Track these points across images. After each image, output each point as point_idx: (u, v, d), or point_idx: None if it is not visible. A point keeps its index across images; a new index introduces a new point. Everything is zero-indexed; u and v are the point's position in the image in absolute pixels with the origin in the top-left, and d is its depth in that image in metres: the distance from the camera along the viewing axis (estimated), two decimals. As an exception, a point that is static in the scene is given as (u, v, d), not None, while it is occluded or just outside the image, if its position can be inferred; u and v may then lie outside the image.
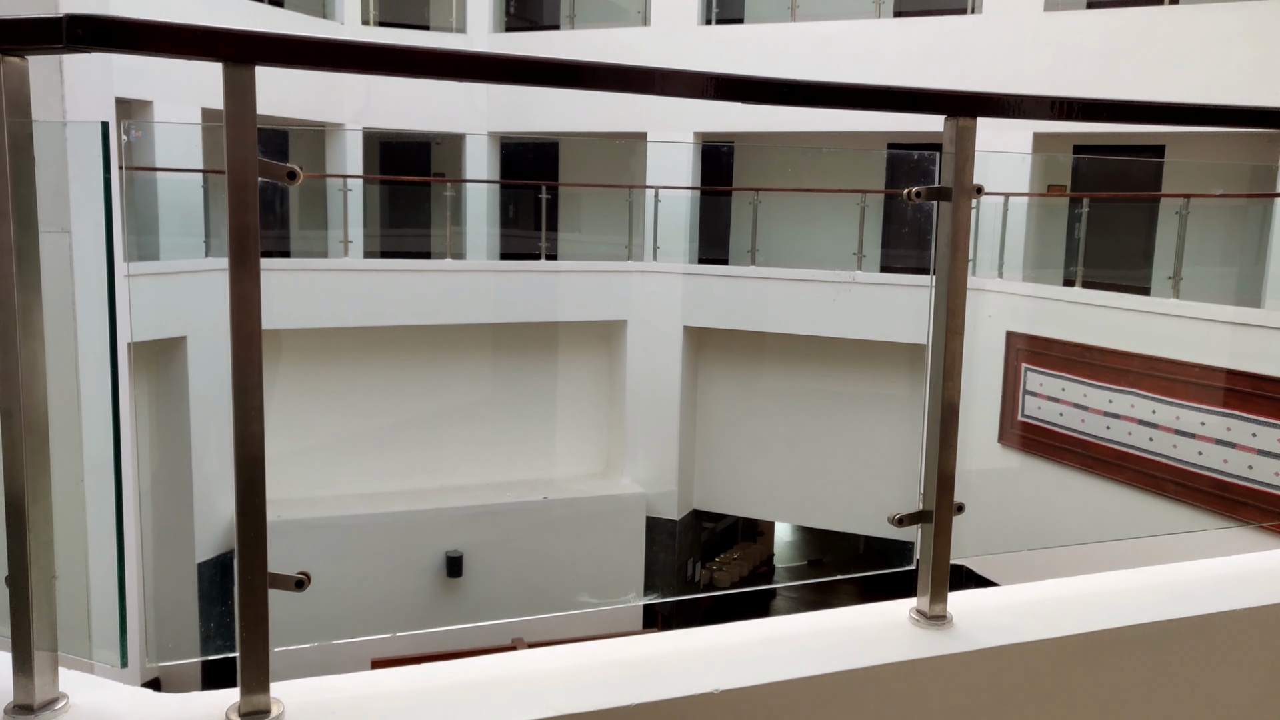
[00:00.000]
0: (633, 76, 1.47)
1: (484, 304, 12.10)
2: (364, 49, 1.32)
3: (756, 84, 1.53)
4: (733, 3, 13.66)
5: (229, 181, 1.31)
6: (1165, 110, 2.41)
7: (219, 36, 1.24)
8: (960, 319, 1.69)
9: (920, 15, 12.50)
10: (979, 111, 1.65)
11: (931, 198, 1.68)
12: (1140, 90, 11.01)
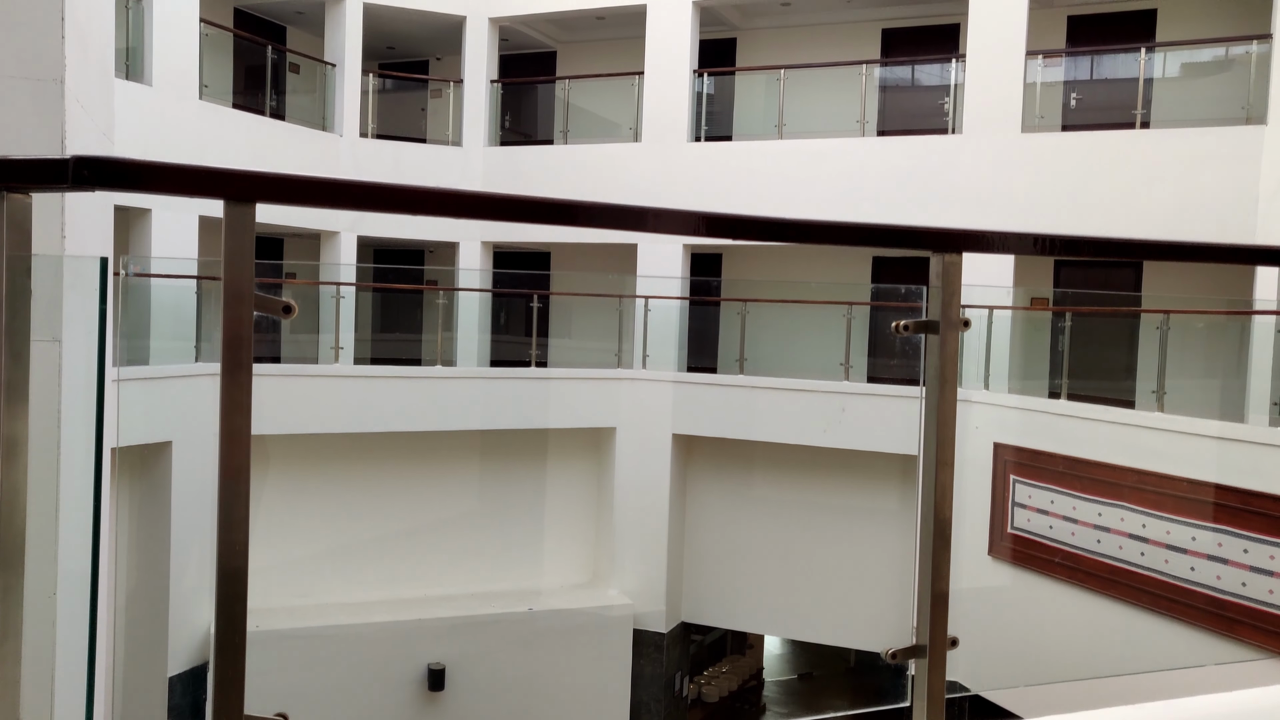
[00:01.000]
0: (626, 215, 1.50)
1: (473, 411, 12.09)
2: (362, 188, 1.36)
3: (747, 222, 1.56)
4: (721, 120, 14.09)
5: (224, 316, 1.32)
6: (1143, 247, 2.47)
7: (220, 176, 1.27)
8: (950, 450, 1.70)
9: (903, 134, 12.89)
10: (965, 247, 1.69)
11: (919, 330, 1.70)
12: (1115, 209, 11.32)
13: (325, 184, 1.34)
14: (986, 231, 1.69)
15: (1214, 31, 12.34)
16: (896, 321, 1.72)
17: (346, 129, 13.87)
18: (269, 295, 1.34)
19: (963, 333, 1.74)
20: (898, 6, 13.70)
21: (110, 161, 1.20)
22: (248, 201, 1.26)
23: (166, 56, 11.16)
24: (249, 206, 1.27)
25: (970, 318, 1.74)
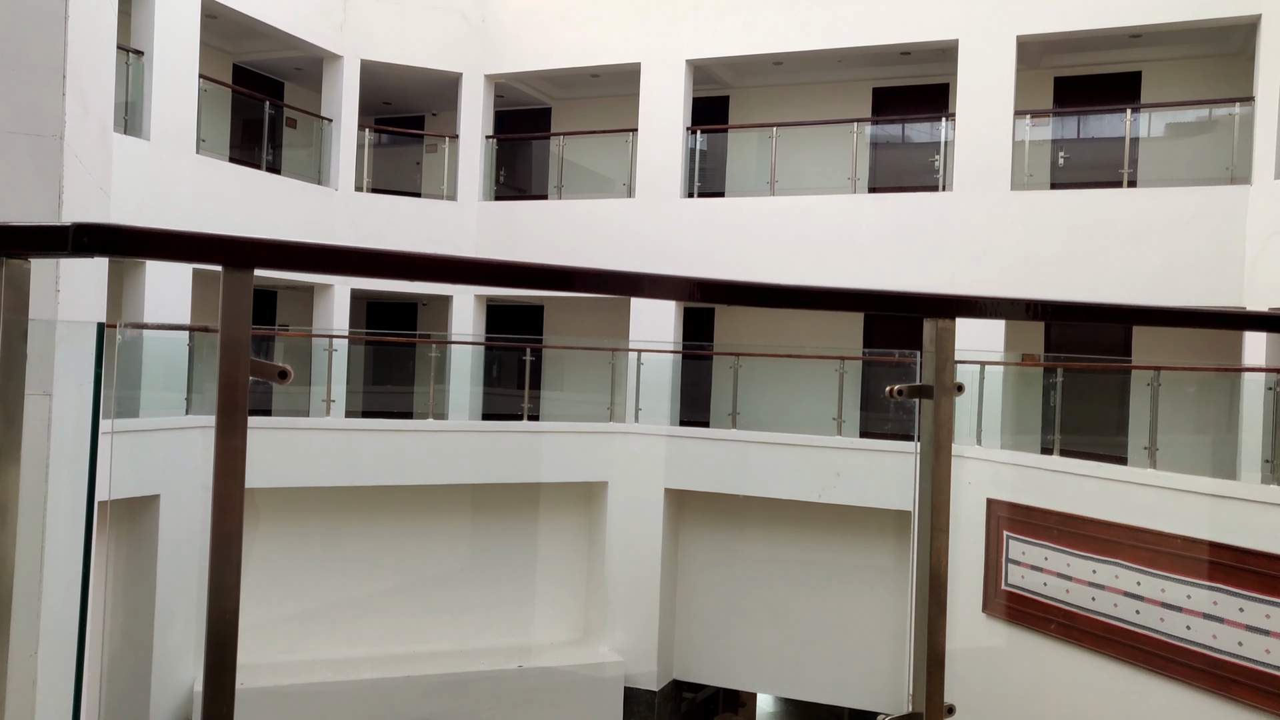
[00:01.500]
0: (621, 281, 1.51)
1: (465, 465, 12.03)
2: (360, 255, 1.36)
3: (741, 288, 1.57)
4: (714, 177, 14.24)
5: (220, 381, 1.32)
6: (1134, 313, 2.49)
7: (219, 243, 1.28)
8: (945, 516, 1.69)
9: (894, 191, 13.05)
10: (958, 313, 1.70)
11: (913, 395, 1.71)
12: (1104, 267, 11.43)
13: (324, 250, 1.35)
14: (979, 297, 1.70)
15: (1197, 93, 12.59)
16: (890, 386, 1.72)
17: (342, 183, 13.99)
18: (265, 361, 1.34)
19: (956, 397, 1.74)
20: (888, 66, 13.94)
21: (109, 229, 1.21)
22: (246, 268, 1.27)
23: (165, 112, 11.28)
24: (247, 272, 1.27)
25: (963, 382, 1.75)
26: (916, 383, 1.71)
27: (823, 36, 12.96)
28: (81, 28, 4.17)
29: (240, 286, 1.27)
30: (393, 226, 14.27)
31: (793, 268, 12.85)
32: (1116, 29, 11.77)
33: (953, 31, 12.32)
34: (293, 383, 13.16)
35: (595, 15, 14.16)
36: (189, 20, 11.57)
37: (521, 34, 14.59)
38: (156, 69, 11.16)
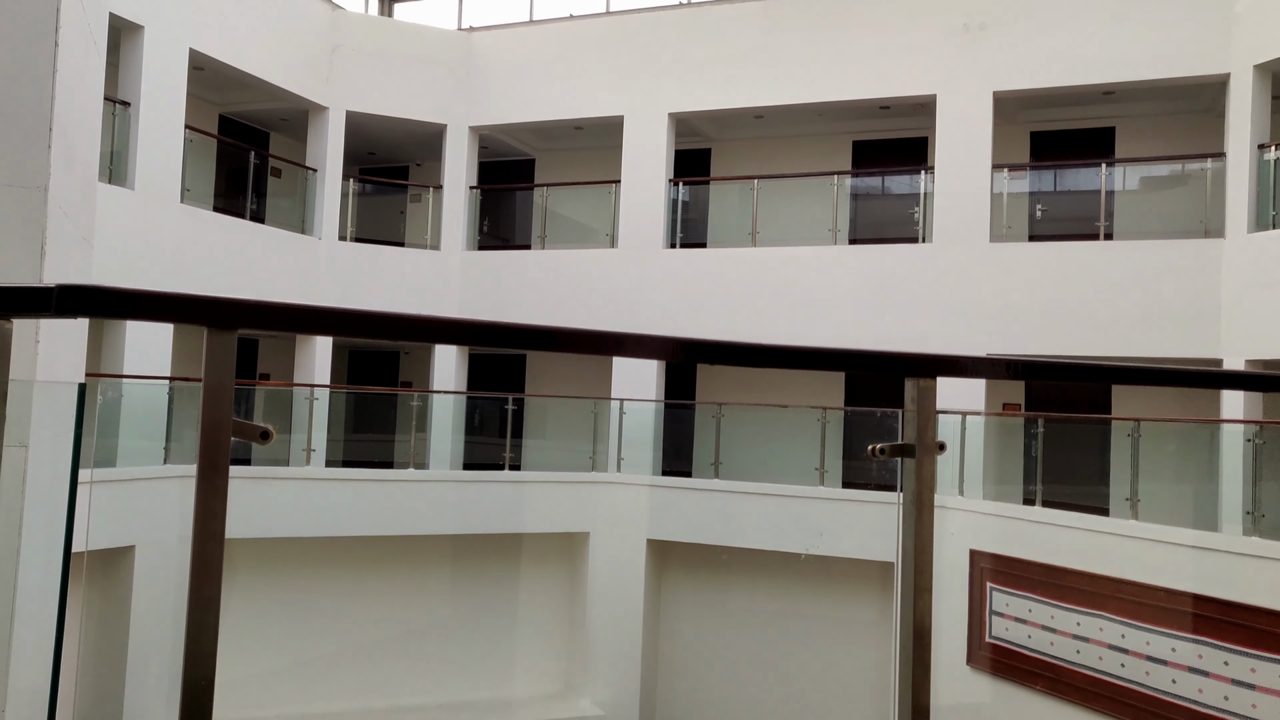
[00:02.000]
0: (603, 341, 1.52)
1: (446, 515, 11.93)
2: (344, 316, 1.36)
3: (723, 347, 1.58)
4: (696, 227, 14.36)
5: (201, 443, 1.31)
6: (1113, 371, 2.52)
7: (203, 305, 1.28)
8: (928, 576, 1.69)
9: (874, 243, 13.19)
10: (939, 372, 1.71)
11: (895, 454, 1.71)
12: (1083, 317, 11.56)
13: (308, 311, 1.35)
14: (960, 357, 1.72)
15: (1170, 148, 12.85)
16: (872, 446, 1.73)
17: (326, 232, 14.02)
18: (247, 422, 1.33)
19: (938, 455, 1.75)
20: (867, 120, 14.17)
21: (93, 290, 1.21)
22: (229, 329, 1.27)
23: (150, 162, 11.31)
24: (230, 334, 1.27)
25: (944, 440, 1.76)
26: (898, 441, 1.72)
27: (803, 91, 13.18)
28: (69, 81, 4.19)
29: (223, 348, 1.27)
30: (376, 276, 14.29)
31: (775, 318, 12.93)
32: (1090, 86, 12.03)
33: (931, 87, 12.56)
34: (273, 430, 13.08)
35: (579, 69, 14.36)
36: (177, 73, 11.66)
37: (506, 86, 14.76)
38: (143, 120, 11.21)
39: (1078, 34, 11.88)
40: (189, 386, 10.82)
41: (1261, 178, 10.86)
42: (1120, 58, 11.68)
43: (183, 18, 11.74)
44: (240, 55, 12.62)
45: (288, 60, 13.42)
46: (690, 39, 13.78)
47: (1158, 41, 11.53)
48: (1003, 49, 12.23)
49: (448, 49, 14.90)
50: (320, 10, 14.09)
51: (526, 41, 14.89)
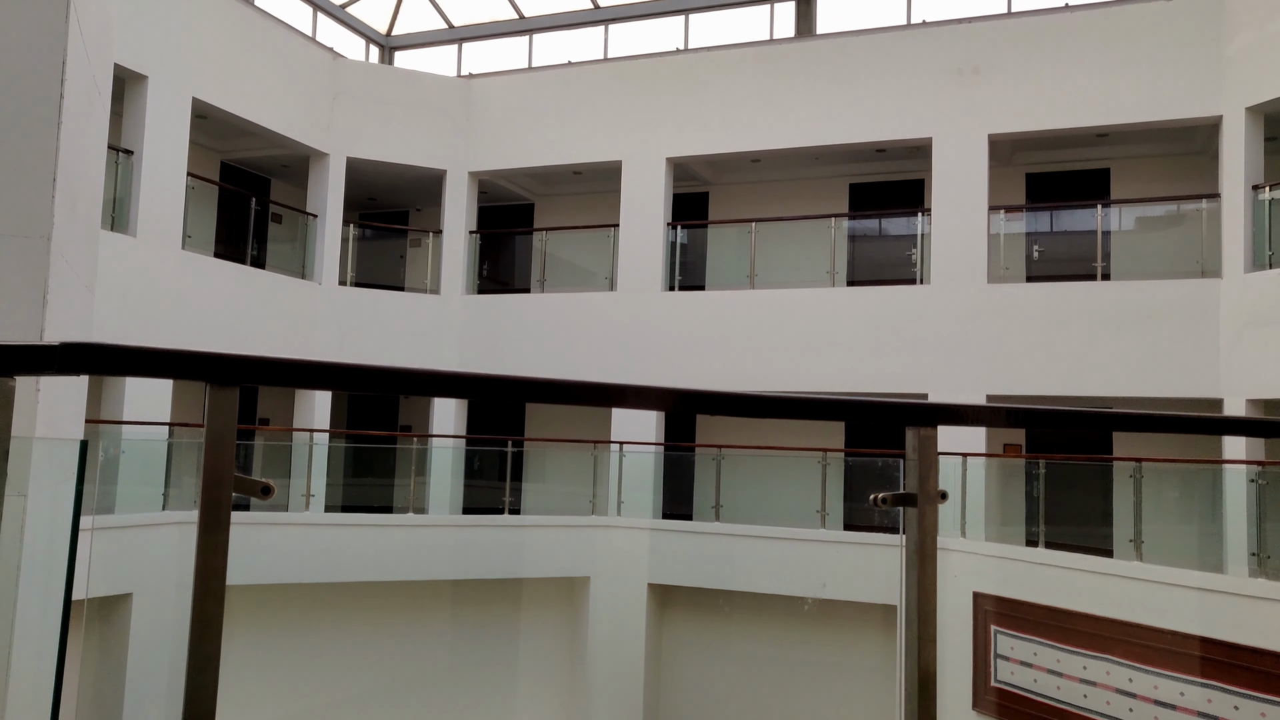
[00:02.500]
0: (605, 393, 1.52)
1: (445, 560, 11.85)
2: (344, 371, 1.37)
3: (723, 398, 1.58)
4: (695, 270, 14.43)
5: (201, 497, 1.31)
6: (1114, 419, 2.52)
7: (204, 361, 1.28)
8: (932, 626, 1.68)
9: (873, 284, 13.23)
10: (939, 421, 1.72)
11: (896, 504, 1.71)
12: (1082, 358, 11.56)
13: (309, 366, 1.35)
14: (960, 406, 1.72)
15: (1165, 189, 12.94)
16: (874, 495, 1.73)
17: (326, 277, 14.07)
18: (248, 477, 1.33)
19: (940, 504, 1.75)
20: (864, 163, 14.30)
21: (95, 349, 1.22)
22: (230, 385, 1.27)
23: (152, 209, 11.39)
24: (231, 390, 1.28)
25: (946, 489, 1.76)
26: (900, 491, 1.71)
27: (799, 135, 13.31)
28: (74, 132, 4.24)
29: (225, 404, 1.27)
30: (376, 320, 14.32)
31: (773, 360, 12.94)
32: (1084, 129, 12.15)
33: (926, 130, 12.68)
34: (273, 477, 12.99)
35: (577, 114, 14.51)
36: (179, 121, 11.78)
37: (505, 132, 14.91)
38: (145, 168, 11.31)
39: (1071, 77, 12.03)
40: (189, 432, 10.81)
41: (1257, 218, 10.94)
42: (1113, 100, 11.81)
43: (186, 67, 11.89)
44: (242, 103, 12.76)
45: (289, 108, 13.57)
46: (687, 84, 13.94)
47: (1150, 84, 11.67)
48: (997, 92, 12.37)
49: (447, 96, 15.06)
50: (322, 59, 14.28)
51: (525, 88, 15.06)
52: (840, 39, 13.59)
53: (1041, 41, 12.25)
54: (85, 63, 4.47)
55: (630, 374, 13.50)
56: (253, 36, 13.03)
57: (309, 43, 14.27)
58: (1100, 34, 11.97)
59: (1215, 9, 11.52)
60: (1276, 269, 10.55)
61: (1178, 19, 11.66)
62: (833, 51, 13.39)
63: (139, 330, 11.10)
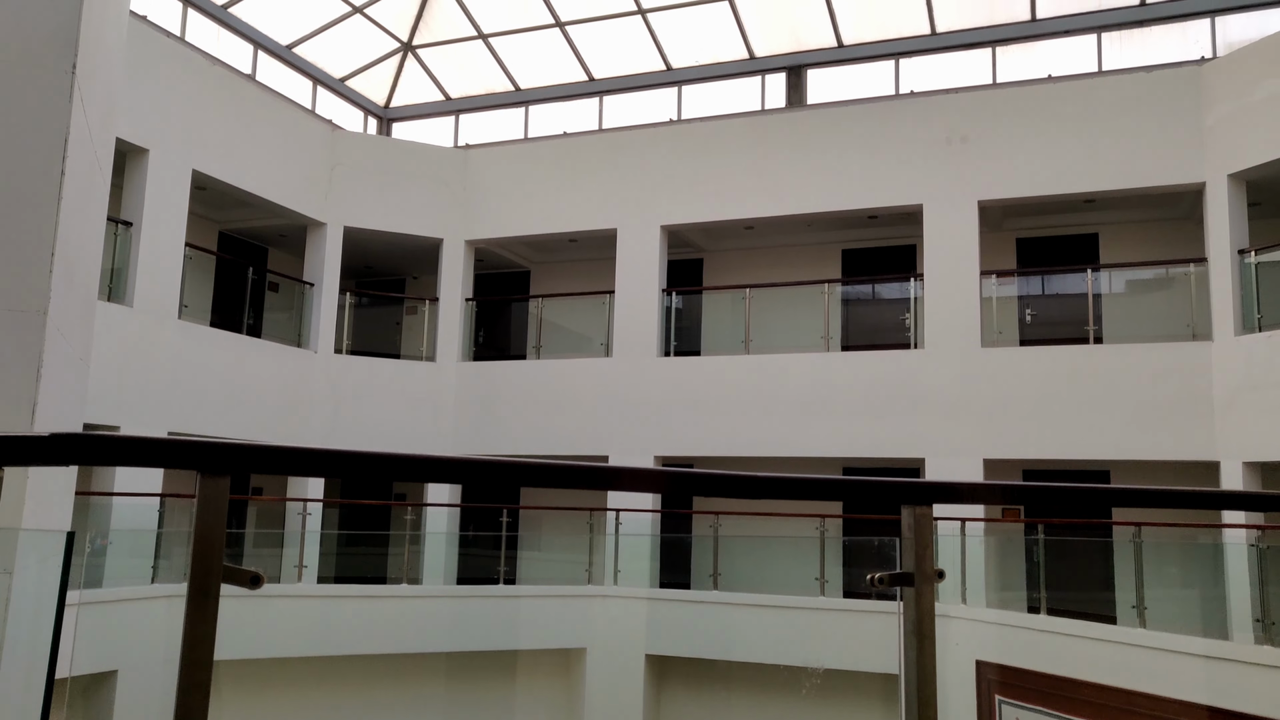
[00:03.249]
0: (598, 476, 1.51)
1: (439, 632, 11.67)
2: (336, 457, 1.36)
3: (716, 479, 1.58)
4: (690, 335, 14.49)
5: (190, 585, 1.29)
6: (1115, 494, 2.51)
7: (195, 450, 1.28)
8: (933, 709, 1.65)
9: (867, 349, 13.25)
10: (936, 499, 1.71)
11: (894, 584, 1.69)
12: (1078, 420, 11.56)
13: (301, 454, 1.35)
14: (956, 484, 1.72)
15: (1153, 253, 13.07)
16: (870, 575, 1.71)
17: (322, 345, 14.09)
18: (238, 567, 1.32)
19: (938, 584, 1.73)
20: (856, 229, 14.45)
21: (84, 439, 1.21)
22: (222, 474, 1.27)
23: (149, 279, 11.44)
24: (223, 479, 1.27)
25: (944, 568, 1.74)
26: (897, 570, 1.70)
27: (791, 202, 13.47)
28: (74, 207, 4.27)
29: (216, 493, 1.27)
30: (371, 388, 14.31)
31: (769, 425, 12.92)
32: (1071, 195, 12.33)
33: (917, 197, 12.85)
34: (264, 547, 12.87)
35: (572, 183, 14.70)
36: (179, 193, 11.90)
37: (501, 201, 15.08)
38: (144, 239, 11.39)
39: (1057, 145, 12.23)
40: (180, 503, 10.71)
41: (1244, 282, 11.04)
42: (1099, 168, 12.00)
43: (187, 140, 12.05)
44: (242, 175, 12.91)
45: (288, 179, 13.73)
46: (681, 154, 14.15)
47: (1134, 152, 11.87)
48: (985, 160, 12.57)
49: (444, 166, 15.27)
50: (320, 130, 14.49)
51: (521, 157, 15.28)
52: (830, 109, 13.84)
53: (1027, 111, 12.49)
54: (88, 139, 4.52)
55: (626, 440, 13.46)
56: (253, 110, 13.24)
57: (308, 115, 14.50)
58: (1083, 104, 12.21)
59: (1193, 80, 11.78)
60: (1267, 332, 10.62)
61: (1158, 89, 11.91)
62: (823, 121, 13.63)
63: (134, 401, 11.08)
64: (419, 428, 14.41)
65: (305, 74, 15.43)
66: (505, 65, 16.02)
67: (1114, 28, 13.40)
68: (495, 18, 15.35)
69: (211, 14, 13.70)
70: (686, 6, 14.52)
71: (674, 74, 15.52)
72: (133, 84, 10.90)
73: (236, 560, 8.39)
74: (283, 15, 14.42)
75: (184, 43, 12.79)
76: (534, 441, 14.12)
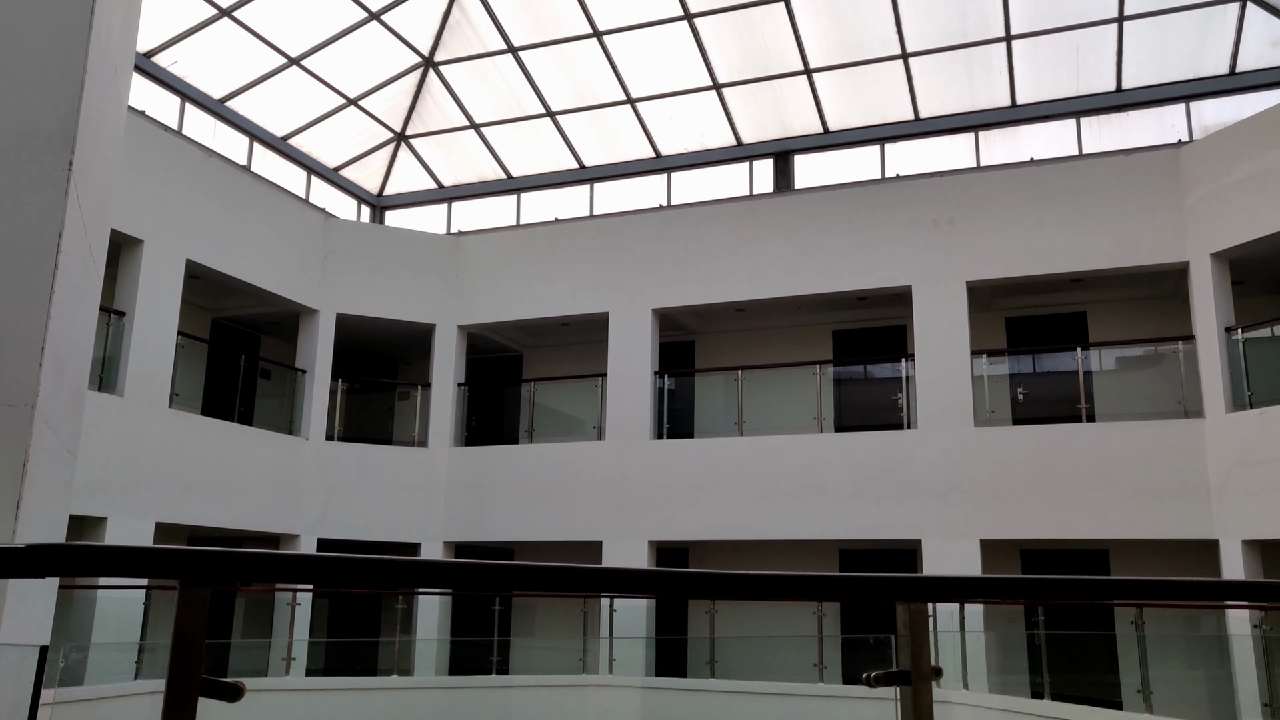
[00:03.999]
0: (591, 577, 1.49)
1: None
2: (323, 564, 1.34)
3: (710, 579, 1.55)
4: (683, 417, 14.47)
5: (166, 697, 1.25)
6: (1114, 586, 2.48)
7: (176, 559, 1.26)
8: (936, 815, 1.60)
9: (860, 430, 13.23)
10: (931, 596, 1.68)
11: (889, 683, 1.66)
12: (1074, 498, 11.50)
13: (279, 559, 1.32)
14: (953, 578, 1.69)
15: (1141, 331, 13.17)
16: (867, 674, 1.68)
17: (313, 433, 14.01)
18: (217, 679, 1.28)
19: (935, 682, 1.69)
20: (846, 310, 14.56)
21: (63, 550, 1.19)
22: (202, 585, 1.24)
23: (141, 368, 11.41)
24: (203, 591, 1.24)
25: (941, 665, 1.71)
26: (892, 668, 1.66)
27: (781, 285, 13.59)
28: (66, 300, 4.28)
29: (195, 605, 1.24)
30: (362, 475, 14.20)
31: (764, 508, 12.82)
32: (1057, 275, 12.47)
33: (905, 278, 12.98)
34: (252, 637, 12.59)
35: (564, 268, 14.83)
36: (173, 283, 11.95)
37: (493, 286, 15.19)
38: (136, 328, 11.39)
39: (1041, 226, 12.42)
40: (167, 593, 10.51)
41: (1233, 359, 11.12)
42: (1084, 248, 12.17)
43: (182, 230, 12.16)
44: (235, 264, 13.00)
45: (281, 267, 13.83)
46: (670, 238, 14.32)
47: (1118, 233, 12.05)
48: (972, 241, 12.74)
49: (437, 252, 15.41)
50: (314, 219, 14.66)
51: (513, 243, 15.44)
52: (818, 193, 14.08)
53: (1011, 193, 12.72)
54: (82, 233, 4.56)
55: (620, 525, 13.33)
56: (248, 200, 13.40)
57: (302, 204, 14.68)
58: (1066, 186, 12.45)
59: (1172, 162, 12.04)
60: (1258, 409, 10.65)
61: (1138, 171, 12.16)
62: (811, 205, 13.84)
63: (122, 492, 10.96)
64: (410, 515, 14.27)
65: (300, 164, 15.68)
66: (497, 153, 16.32)
67: (1092, 112, 13.74)
68: (487, 108, 15.68)
69: (208, 107, 13.97)
70: (675, 95, 14.87)
71: (663, 161, 15.82)
72: (129, 176, 11.05)
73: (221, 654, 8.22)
74: (278, 108, 14.72)
75: (180, 135, 13.02)
76: (526, 527, 13.98)
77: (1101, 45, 13.05)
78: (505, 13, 14.14)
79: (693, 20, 13.60)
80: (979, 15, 13.03)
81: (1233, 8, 12.26)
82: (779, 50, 13.93)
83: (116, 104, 5.34)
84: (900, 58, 13.67)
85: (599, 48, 14.25)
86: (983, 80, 13.88)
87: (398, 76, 15.12)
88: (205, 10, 12.75)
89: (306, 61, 14.12)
